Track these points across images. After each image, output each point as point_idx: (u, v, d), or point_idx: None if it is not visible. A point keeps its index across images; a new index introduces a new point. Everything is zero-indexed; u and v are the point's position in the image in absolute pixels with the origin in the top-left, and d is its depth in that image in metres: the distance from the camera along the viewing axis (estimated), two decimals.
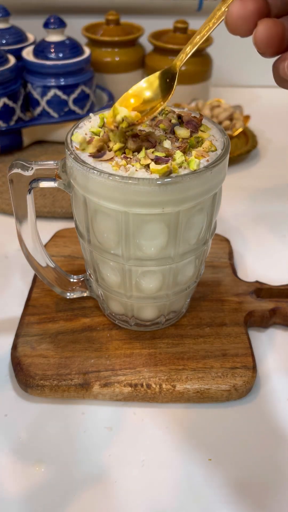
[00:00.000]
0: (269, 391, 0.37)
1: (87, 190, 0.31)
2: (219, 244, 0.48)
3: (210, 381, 0.35)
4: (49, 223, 0.54)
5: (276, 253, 0.50)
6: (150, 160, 0.29)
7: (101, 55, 0.73)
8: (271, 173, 0.64)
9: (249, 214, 0.57)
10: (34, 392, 0.35)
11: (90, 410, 0.35)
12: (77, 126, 0.34)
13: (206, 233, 0.34)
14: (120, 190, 0.29)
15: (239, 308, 0.41)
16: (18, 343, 0.38)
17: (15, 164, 0.33)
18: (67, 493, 0.31)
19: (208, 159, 0.30)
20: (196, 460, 0.32)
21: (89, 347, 0.38)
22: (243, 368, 0.36)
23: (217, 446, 0.33)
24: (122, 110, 0.30)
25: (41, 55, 0.64)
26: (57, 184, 0.34)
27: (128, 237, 0.31)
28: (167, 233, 0.31)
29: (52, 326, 0.39)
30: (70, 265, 0.46)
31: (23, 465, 0.32)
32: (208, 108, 0.68)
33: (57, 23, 0.64)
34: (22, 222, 0.35)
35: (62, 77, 0.64)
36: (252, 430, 0.34)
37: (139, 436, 0.34)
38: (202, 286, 0.43)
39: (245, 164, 0.66)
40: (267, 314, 0.41)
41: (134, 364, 0.36)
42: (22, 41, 0.71)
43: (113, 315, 0.39)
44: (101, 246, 0.33)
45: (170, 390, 0.35)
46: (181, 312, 0.40)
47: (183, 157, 0.29)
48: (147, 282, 0.34)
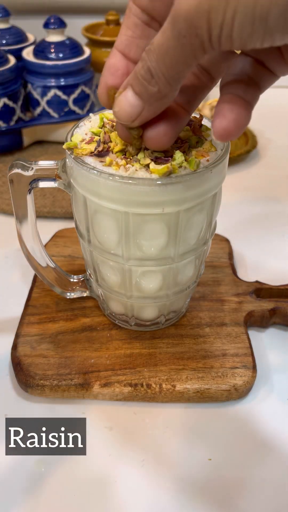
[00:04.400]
0: (269, 391, 0.37)
1: (87, 190, 0.31)
2: (219, 244, 0.48)
3: (210, 381, 0.35)
4: (49, 223, 0.54)
5: (276, 253, 0.50)
6: (150, 160, 0.29)
7: (101, 55, 0.73)
8: (271, 173, 0.64)
9: (249, 214, 0.57)
10: (34, 392, 0.35)
11: (90, 410, 0.35)
12: (77, 126, 0.34)
13: (206, 233, 0.34)
14: (120, 190, 0.29)
15: (239, 308, 0.41)
16: (18, 343, 0.38)
17: (15, 164, 0.33)
18: (67, 493, 0.31)
19: (208, 159, 0.30)
20: (196, 460, 0.32)
21: (89, 347, 0.38)
22: (243, 368, 0.36)
23: (217, 446, 0.33)
24: None
25: (41, 55, 0.64)
26: (57, 184, 0.34)
27: (128, 237, 0.31)
28: (167, 233, 0.31)
29: (52, 326, 0.39)
30: (70, 265, 0.46)
31: (23, 465, 0.32)
32: (208, 108, 0.68)
33: (57, 23, 0.64)
34: (22, 222, 0.35)
35: (62, 77, 0.64)
36: (252, 430, 0.34)
37: (139, 436, 0.34)
38: (202, 286, 0.43)
39: (245, 164, 0.66)
40: (267, 314, 0.41)
41: (134, 364, 0.36)
42: (22, 41, 0.71)
43: (113, 315, 0.39)
44: (101, 246, 0.33)
45: (170, 390, 0.35)
46: (181, 312, 0.40)
47: (182, 157, 0.29)
48: (147, 282, 0.34)
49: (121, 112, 0.25)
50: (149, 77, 0.23)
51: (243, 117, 0.24)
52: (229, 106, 0.24)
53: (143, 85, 0.23)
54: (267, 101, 0.93)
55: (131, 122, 0.25)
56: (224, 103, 0.24)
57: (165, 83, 0.23)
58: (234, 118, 0.24)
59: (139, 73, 0.23)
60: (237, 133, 0.24)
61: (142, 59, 0.23)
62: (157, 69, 0.22)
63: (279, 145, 0.71)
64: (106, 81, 0.26)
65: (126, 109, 0.24)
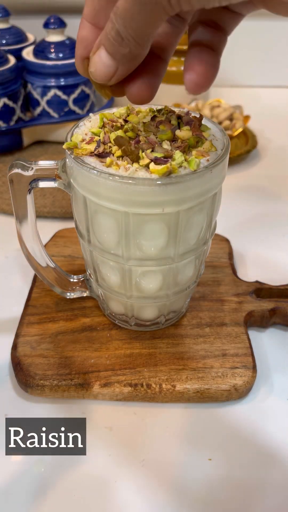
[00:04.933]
0: (269, 391, 0.37)
1: (87, 190, 0.31)
2: (219, 244, 0.48)
3: (210, 381, 0.35)
4: (49, 223, 0.54)
5: (276, 253, 0.50)
6: (149, 160, 0.29)
7: None
8: (271, 173, 0.64)
9: (249, 214, 0.57)
10: (34, 392, 0.35)
11: (90, 410, 0.35)
12: (77, 126, 0.34)
13: (206, 233, 0.34)
14: (120, 190, 0.29)
15: (239, 308, 0.41)
16: (18, 343, 0.38)
17: (15, 164, 0.33)
18: (67, 493, 0.31)
19: (208, 159, 0.30)
20: (196, 460, 0.32)
21: (89, 347, 0.38)
22: (243, 368, 0.36)
23: (217, 446, 0.33)
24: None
25: (41, 55, 0.64)
26: (57, 184, 0.34)
27: (128, 237, 0.31)
28: (167, 233, 0.31)
29: (52, 326, 0.39)
30: (70, 265, 0.46)
31: (23, 465, 0.32)
32: (208, 108, 0.68)
33: (57, 23, 0.64)
34: (22, 222, 0.35)
35: (62, 77, 0.64)
36: (252, 430, 0.34)
37: (139, 436, 0.34)
38: (202, 286, 0.43)
39: (245, 164, 0.66)
40: (267, 314, 0.41)
41: (134, 364, 0.36)
42: (22, 41, 0.71)
43: (113, 315, 0.39)
44: (101, 246, 0.33)
45: (170, 390, 0.35)
46: (181, 312, 0.40)
47: (182, 157, 0.29)
48: (147, 282, 0.34)
49: (97, 73, 0.26)
50: (119, 39, 0.23)
51: (212, 68, 0.26)
52: (198, 59, 0.26)
53: (114, 46, 0.24)
54: (267, 101, 0.93)
55: (108, 81, 0.26)
56: (192, 57, 0.26)
57: (136, 44, 0.24)
58: (203, 70, 0.26)
59: (109, 34, 0.24)
60: (207, 84, 0.26)
61: (111, 21, 0.23)
62: (126, 32, 0.23)
63: (279, 145, 0.71)
64: (81, 54, 0.27)
65: (101, 69, 0.25)
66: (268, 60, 0.87)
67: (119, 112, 0.34)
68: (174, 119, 0.32)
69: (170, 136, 0.30)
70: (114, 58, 0.25)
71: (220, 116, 0.67)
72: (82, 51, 0.27)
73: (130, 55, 0.24)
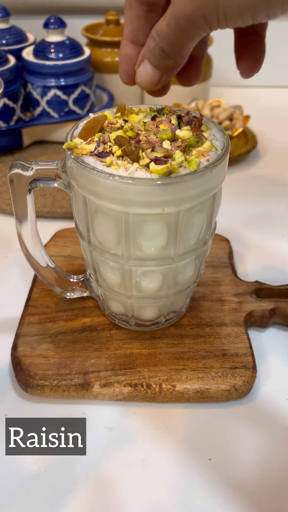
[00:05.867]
0: (269, 391, 0.37)
1: (87, 190, 0.31)
2: (219, 244, 0.48)
3: (210, 381, 0.35)
4: (49, 223, 0.54)
5: (276, 253, 0.50)
6: (149, 160, 0.29)
7: (101, 55, 0.73)
8: (271, 173, 0.64)
9: (249, 214, 0.57)
10: (34, 392, 0.35)
11: (90, 410, 0.35)
12: (77, 126, 0.34)
13: (206, 233, 0.34)
14: (120, 190, 0.29)
15: (239, 308, 0.41)
16: (18, 343, 0.38)
17: (15, 164, 0.33)
18: (67, 493, 0.31)
19: (208, 159, 0.30)
20: (196, 460, 0.32)
21: (89, 347, 0.38)
22: (243, 368, 0.36)
23: (217, 446, 0.33)
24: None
25: (41, 55, 0.64)
26: (57, 184, 0.34)
27: (128, 237, 0.31)
28: (167, 233, 0.31)
29: (52, 326, 0.39)
30: (70, 265, 0.46)
31: (23, 465, 0.32)
32: (208, 108, 0.68)
33: (57, 23, 0.64)
34: (22, 222, 0.35)
35: (62, 77, 0.64)
36: (252, 430, 0.34)
37: (139, 436, 0.34)
38: (202, 286, 0.43)
39: (245, 164, 0.66)
40: (267, 314, 0.41)
41: (134, 364, 0.36)
42: (22, 41, 0.71)
43: (113, 315, 0.39)
44: (101, 246, 0.33)
45: (170, 390, 0.35)
46: (181, 312, 0.40)
47: (182, 157, 0.29)
48: (147, 282, 0.34)
49: (144, 82, 0.30)
50: (164, 55, 0.27)
51: (260, 52, 0.30)
52: (247, 46, 0.30)
53: (159, 60, 0.28)
54: (267, 101, 0.93)
55: (154, 88, 0.30)
56: (241, 44, 0.30)
57: (179, 57, 0.28)
58: (254, 55, 0.30)
59: (153, 51, 0.28)
60: (259, 67, 0.30)
61: (153, 39, 0.27)
62: (170, 50, 0.27)
63: (279, 145, 0.71)
64: (126, 68, 0.31)
65: (147, 79, 0.29)
66: (268, 60, 0.87)
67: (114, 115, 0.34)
68: (174, 119, 0.32)
69: (170, 136, 0.30)
70: (159, 69, 0.28)
71: (220, 116, 0.67)
72: (126, 66, 0.31)
73: (174, 64, 0.28)
